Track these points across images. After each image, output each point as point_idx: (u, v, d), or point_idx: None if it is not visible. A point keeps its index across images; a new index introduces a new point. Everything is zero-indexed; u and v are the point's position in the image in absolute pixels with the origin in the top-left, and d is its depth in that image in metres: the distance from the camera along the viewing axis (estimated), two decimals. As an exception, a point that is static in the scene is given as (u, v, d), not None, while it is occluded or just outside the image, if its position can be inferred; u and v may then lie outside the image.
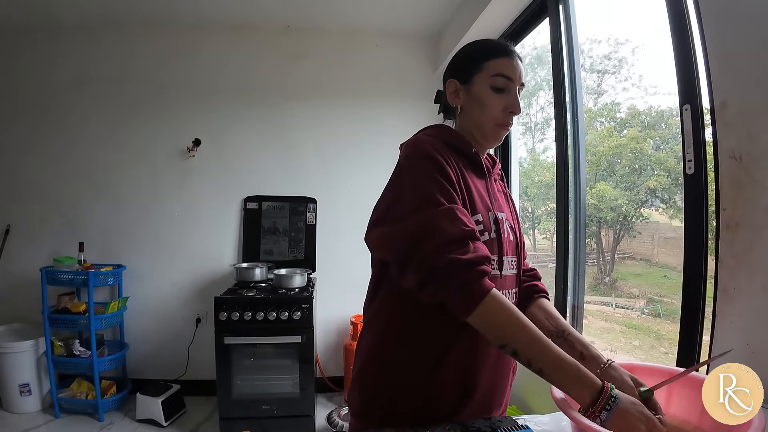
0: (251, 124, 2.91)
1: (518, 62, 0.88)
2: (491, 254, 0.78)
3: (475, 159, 0.89)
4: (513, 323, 0.71)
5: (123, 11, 2.65)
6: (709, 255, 1.16)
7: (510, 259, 0.88)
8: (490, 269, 0.73)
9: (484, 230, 0.81)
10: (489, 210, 0.85)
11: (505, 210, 0.92)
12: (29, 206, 2.79)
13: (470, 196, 0.82)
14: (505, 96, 0.86)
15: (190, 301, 2.86)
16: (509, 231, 0.89)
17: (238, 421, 2.27)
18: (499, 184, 0.98)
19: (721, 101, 1.00)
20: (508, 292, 0.88)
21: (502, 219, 0.87)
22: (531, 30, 2.21)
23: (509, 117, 0.87)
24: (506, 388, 0.92)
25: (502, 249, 0.84)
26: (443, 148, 0.83)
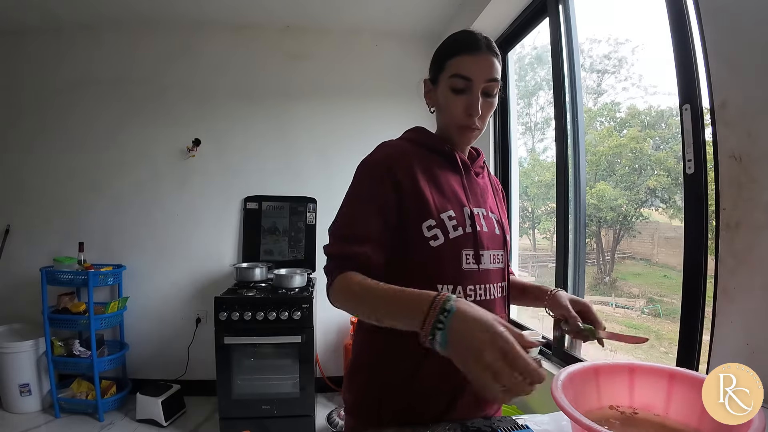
0: (251, 124, 2.91)
1: (484, 57, 0.83)
2: (466, 248, 0.84)
3: (449, 155, 0.90)
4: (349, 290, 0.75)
5: (123, 11, 2.65)
6: (709, 254, 1.16)
7: (493, 252, 0.88)
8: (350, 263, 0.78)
9: (457, 225, 0.83)
10: (464, 205, 0.86)
11: (487, 205, 0.92)
12: (29, 206, 2.79)
13: (442, 193, 0.85)
14: (466, 97, 0.84)
15: (190, 301, 2.86)
16: (492, 226, 0.89)
17: (238, 421, 2.27)
18: (485, 178, 0.98)
19: (721, 101, 1.00)
20: (494, 285, 0.87)
21: (479, 214, 0.88)
22: (531, 30, 2.21)
23: (470, 119, 0.85)
24: None
25: (478, 243, 0.84)
26: (403, 153, 0.86)
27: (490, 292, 0.86)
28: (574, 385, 0.76)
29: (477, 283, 0.84)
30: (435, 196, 0.84)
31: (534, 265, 2.83)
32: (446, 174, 0.88)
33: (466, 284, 0.83)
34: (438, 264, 0.82)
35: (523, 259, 2.66)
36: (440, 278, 0.82)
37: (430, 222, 0.82)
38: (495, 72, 0.84)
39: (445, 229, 0.82)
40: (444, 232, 0.82)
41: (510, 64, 2.46)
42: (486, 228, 0.88)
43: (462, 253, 0.83)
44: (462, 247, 0.83)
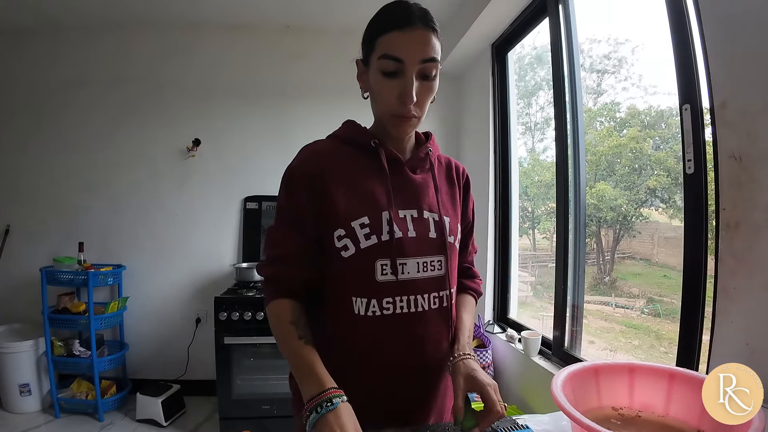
0: (251, 124, 2.91)
1: (419, 32, 0.71)
2: (382, 258, 0.76)
3: (375, 153, 0.81)
4: (274, 328, 0.77)
5: (121, 11, 2.65)
6: (708, 254, 1.16)
7: (424, 260, 0.79)
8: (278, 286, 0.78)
9: (371, 233, 0.76)
10: (383, 209, 0.77)
11: (424, 204, 0.82)
12: (29, 206, 2.79)
13: (358, 197, 0.78)
14: (399, 81, 0.73)
15: (190, 301, 2.86)
16: (425, 228, 0.80)
17: (238, 421, 2.27)
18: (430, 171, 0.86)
19: (721, 101, 1.00)
20: (424, 297, 0.79)
21: (405, 217, 0.79)
22: (531, 30, 2.21)
23: (404, 106, 0.74)
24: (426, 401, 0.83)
25: (396, 251, 0.76)
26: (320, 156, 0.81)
27: (417, 304, 0.78)
28: (574, 385, 0.76)
29: (397, 295, 0.77)
30: (347, 201, 0.77)
31: (534, 265, 2.84)
32: (368, 174, 0.80)
33: (383, 297, 0.76)
34: (350, 276, 0.77)
35: (523, 259, 2.66)
36: (353, 291, 0.77)
37: (339, 231, 0.76)
38: (432, 50, 0.73)
39: (355, 239, 0.76)
40: (354, 241, 0.76)
41: (510, 64, 2.46)
42: (414, 232, 0.79)
43: (376, 263, 0.76)
44: (376, 257, 0.76)
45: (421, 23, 0.72)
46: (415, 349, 0.79)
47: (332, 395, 0.65)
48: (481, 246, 2.60)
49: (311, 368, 0.69)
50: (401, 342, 0.78)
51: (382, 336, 0.77)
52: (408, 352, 0.79)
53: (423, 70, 0.74)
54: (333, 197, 0.77)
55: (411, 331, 0.79)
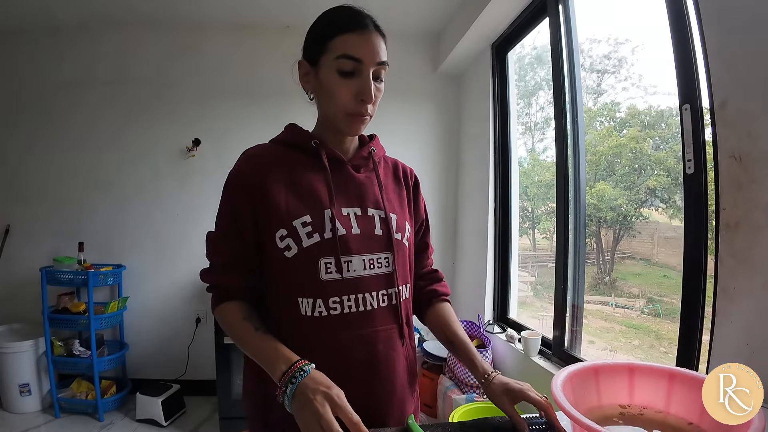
0: (251, 124, 2.91)
1: (373, 36, 0.76)
2: (326, 257, 0.76)
3: (314, 153, 0.82)
4: (229, 329, 0.79)
5: (123, 11, 2.65)
6: (708, 254, 1.16)
7: (370, 257, 0.79)
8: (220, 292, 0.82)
9: (313, 231, 0.76)
10: (325, 207, 0.77)
11: (368, 201, 0.82)
12: (29, 206, 2.79)
13: (300, 197, 0.78)
14: (356, 80, 0.75)
15: (190, 300, 2.86)
16: (370, 225, 0.80)
17: (238, 421, 2.27)
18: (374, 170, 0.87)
19: (721, 101, 1.00)
20: (372, 294, 0.78)
21: (349, 214, 0.79)
22: (531, 30, 2.21)
23: (361, 105, 0.76)
24: (386, 403, 0.82)
25: (340, 249, 0.76)
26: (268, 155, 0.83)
27: (366, 303, 0.78)
28: (574, 385, 0.76)
29: (344, 293, 0.76)
30: (288, 202, 0.77)
31: (534, 265, 2.84)
32: (310, 174, 0.80)
33: (329, 297, 0.76)
34: (294, 277, 0.77)
35: (523, 259, 2.66)
36: (299, 292, 0.77)
37: (281, 232, 0.76)
38: (384, 54, 0.77)
39: (297, 238, 0.76)
40: (297, 240, 0.76)
41: (510, 64, 2.46)
42: (358, 230, 0.79)
43: (320, 262, 0.76)
44: (320, 255, 0.76)
45: (374, 27, 0.77)
46: (366, 349, 0.79)
47: (302, 365, 0.67)
48: (481, 246, 2.61)
49: (276, 350, 0.71)
50: (350, 342, 0.77)
51: (330, 336, 0.77)
52: (358, 351, 0.78)
53: (377, 72, 0.77)
54: (273, 199, 0.77)
55: (360, 331, 0.78)
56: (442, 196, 3.04)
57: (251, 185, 0.78)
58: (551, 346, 1.91)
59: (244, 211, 0.78)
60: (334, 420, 0.60)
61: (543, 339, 1.98)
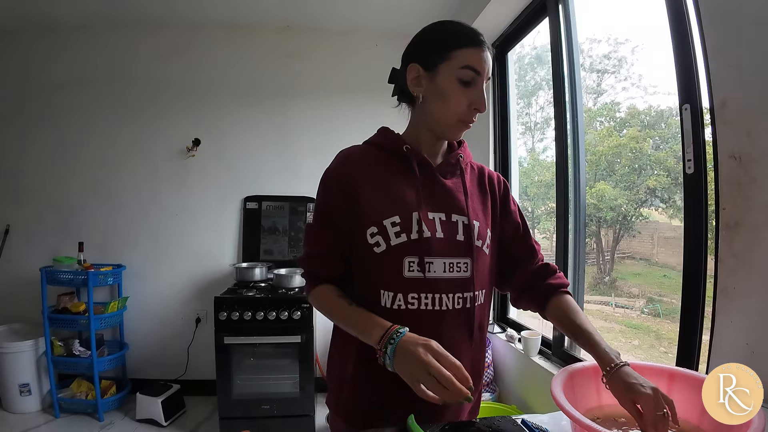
0: (251, 124, 2.91)
1: (487, 54, 0.83)
2: (410, 256, 0.81)
3: (405, 157, 0.86)
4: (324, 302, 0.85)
5: (121, 11, 2.64)
6: (708, 254, 1.16)
7: (450, 260, 0.82)
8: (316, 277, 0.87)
9: (401, 232, 0.81)
10: (413, 210, 0.82)
11: (454, 207, 0.86)
12: (29, 206, 2.79)
13: (390, 198, 0.83)
14: (471, 90, 0.82)
15: (190, 301, 2.86)
16: (453, 231, 0.84)
17: (238, 421, 2.27)
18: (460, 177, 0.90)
19: (721, 101, 1.00)
20: (448, 296, 0.82)
21: (434, 219, 0.83)
22: (531, 30, 2.21)
23: (473, 114, 0.83)
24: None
25: (424, 250, 0.81)
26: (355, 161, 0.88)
27: (441, 303, 0.82)
28: (574, 384, 0.76)
29: (422, 292, 0.81)
30: (381, 202, 0.83)
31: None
32: (401, 178, 0.85)
33: (408, 293, 0.81)
34: (380, 271, 0.82)
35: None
36: (382, 285, 0.83)
37: (372, 229, 0.82)
38: (489, 67, 0.85)
39: (386, 236, 0.81)
40: (385, 238, 0.81)
41: (510, 64, 2.46)
42: (442, 234, 0.83)
43: (404, 260, 0.81)
44: (404, 254, 0.81)
45: (489, 48, 0.85)
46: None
47: (397, 328, 0.73)
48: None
49: (371, 319, 0.77)
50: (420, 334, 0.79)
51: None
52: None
53: (485, 85, 0.85)
54: (366, 198, 0.84)
55: (431, 328, 0.80)
56: (442, 196, 3.04)
57: (346, 184, 0.85)
58: (551, 346, 1.91)
59: (338, 208, 0.85)
60: (440, 366, 0.66)
61: (543, 339, 1.98)
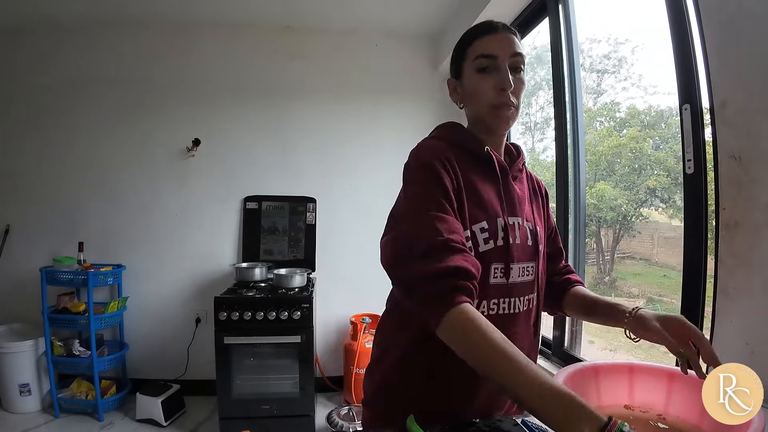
0: (251, 124, 2.91)
1: (504, 35, 0.81)
2: (496, 262, 0.79)
3: (486, 159, 0.83)
4: (480, 341, 0.62)
5: (122, 10, 2.65)
6: (708, 254, 1.16)
7: (522, 265, 0.83)
8: (465, 283, 0.67)
9: (489, 238, 0.79)
10: (498, 216, 0.80)
11: (524, 213, 0.86)
12: (29, 206, 2.79)
13: (476, 202, 0.79)
14: (493, 74, 0.80)
15: (190, 301, 2.86)
16: (525, 236, 0.84)
17: (238, 421, 2.27)
18: (523, 182, 0.91)
19: (721, 101, 1.00)
20: (519, 299, 0.83)
21: (514, 224, 0.82)
22: (531, 30, 2.21)
23: (502, 95, 0.79)
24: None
25: (509, 256, 0.80)
26: (447, 151, 0.80)
27: (514, 306, 0.82)
28: (574, 384, 0.76)
29: (502, 297, 0.81)
30: (470, 204, 0.78)
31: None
32: (483, 180, 0.82)
33: (491, 299, 0.80)
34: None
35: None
36: None
37: (482, 224, 0.79)
38: (518, 47, 0.81)
39: (475, 242, 0.78)
40: (474, 244, 0.78)
41: (510, 64, 2.45)
42: (519, 239, 0.82)
43: (491, 267, 0.79)
44: (492, 260, 0.79)
45: (503, 28, 0.82)
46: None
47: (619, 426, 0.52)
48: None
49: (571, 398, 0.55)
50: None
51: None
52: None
53: (513, 63, 0.81)
54: (462, 198, 0.78)
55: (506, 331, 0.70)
56: (442, 196, 3.04)
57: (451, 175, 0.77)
58: (551, 346, 1.91)
59: (451, 190, 0.75)
60: None
61: (543, 339, 1.98)
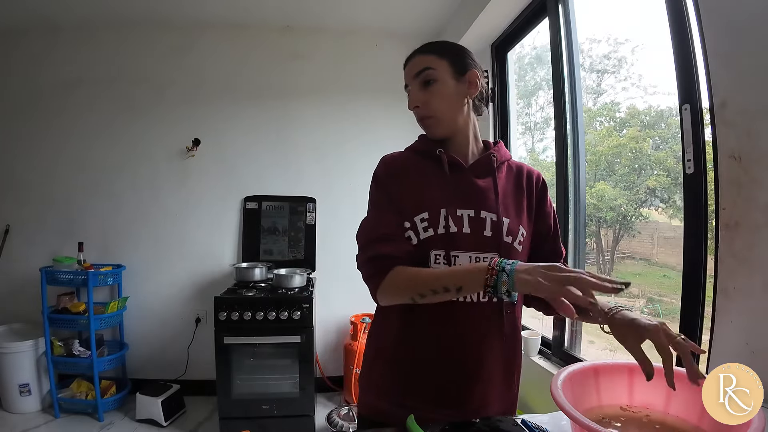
0: (251, 124, 2.91)
1: (412, 62, 0.93)
2: (436, 249, 0.87)
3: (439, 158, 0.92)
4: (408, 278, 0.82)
5: (123, 11, 2.65)
6: (708, 254, 1.17)
7: (474, 255, 0.86)
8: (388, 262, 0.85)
9: (428, 227, 0.87)
10: (441, 207, 0.87)
11: (486, 205, 0.89)
12: (29, 206, 2.79)
13: (420, 196, 0.89)
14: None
15: (190, 301, 2.86)
16: (481, 227, 0.88)
17: (238, 421, 2.27)
18: (500, 177, 0.94)
19: (721, 101, 1.00)
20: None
21: (462, 215, 0.88)
22: (531, 30, 2.21)
23: (416, 112, 0.94)
24: (479, 390, 0.88)
25: (449, 244, 0.86)
26: (404, 160, 0.95)
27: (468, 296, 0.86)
28: (574, 384, 0.76)
29: None
30: (414, 200, 0.89)
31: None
32: (433, 177, 0.91)
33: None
34: (411, 262, 0.86)
35: (522, 259, 2.65)
36: None
37: (406, 224, 0.88)
38: (421, 64, 0.91)
39: (416, 230, 0.87)
40: (416, 233, 0.87)
41: (510, 64, 2.46)
42: (468, 229, 0.87)
43: (431, 253, 0.86)
44: (431, 247, 0.86)
45: (418, 52, 0.93)
46: (462, 339, 0.87)
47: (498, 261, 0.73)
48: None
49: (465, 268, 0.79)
50: (448, 330, 0.87)
51: (432, 321, 0.87)
52: (453, 341, 0.87)
53: (421, 80, 0.92)
54: (402, 196, 0.90)
55: (458, 320, 0.87)
56: (442, 196, 3.04)
57: (390, 183, 0.92)
58: (551, 346, 1.91)
59: (394, 195, 0.90)
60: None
61: (543, 339, 1.98)
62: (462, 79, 0.91)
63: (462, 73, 0.91)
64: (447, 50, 0.92)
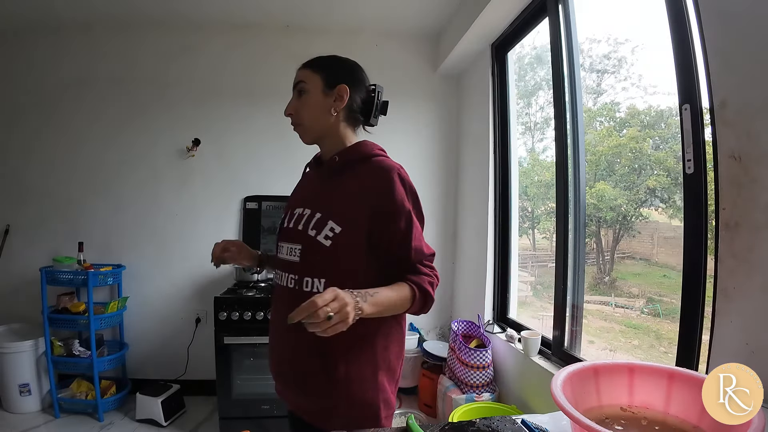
0: (251, 124, 2.91)
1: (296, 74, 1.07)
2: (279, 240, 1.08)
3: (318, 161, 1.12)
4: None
5: (123, 11, 2.65)
6: (708, 254, 1.16)
7: (290, 245, 1.01)
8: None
9: (281, 223, 1.09)
10: (290, 206, 1.07)
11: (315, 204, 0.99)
12: (29, 206, 2.79)
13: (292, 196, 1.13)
14: None
15: (190, 300, 2.86)
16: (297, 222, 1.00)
17: (238, 421, 2.27)
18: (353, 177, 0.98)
19: (721, 101, 1.00)
20: (285, 275, 1.00)
21: (296, 212, 1.03)
22: (531, 30, 2.20)
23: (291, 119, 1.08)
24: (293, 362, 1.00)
25: (279, 236, 1.08)
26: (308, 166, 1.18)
27: (281, 279, 1.01)
28: (574, 384, 0.76)
29: (276, 268, 1.07)
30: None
31: (534, 265, 2.83)
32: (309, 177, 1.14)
33: (275, 268, 1.08)
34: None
35: (522, 259, 2.66)
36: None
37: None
38: (299, 77, 1.05)
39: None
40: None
41: (510, 64, 2.46)
42: (291, 224, 1.02)
43: (278, 243, 1.07)
44: (278, 239, 1.08)
45: (301, 66, 1.08)
46: (279, 315, 1.01)
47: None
48: (481, 246, 2.60)
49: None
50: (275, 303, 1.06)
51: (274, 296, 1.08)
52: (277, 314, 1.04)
53: (297, 90, 1.06)
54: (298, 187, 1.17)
55: (276, 300, 1.06)
56: (441, 195, 3.04)
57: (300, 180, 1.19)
58: (551, 346, 1.91)
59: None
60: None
61: (543, 339, 1.98)
62: (330, 92, 1.01)
63: (331, 87, 1.02)
64: (323, 66, 1.05)
